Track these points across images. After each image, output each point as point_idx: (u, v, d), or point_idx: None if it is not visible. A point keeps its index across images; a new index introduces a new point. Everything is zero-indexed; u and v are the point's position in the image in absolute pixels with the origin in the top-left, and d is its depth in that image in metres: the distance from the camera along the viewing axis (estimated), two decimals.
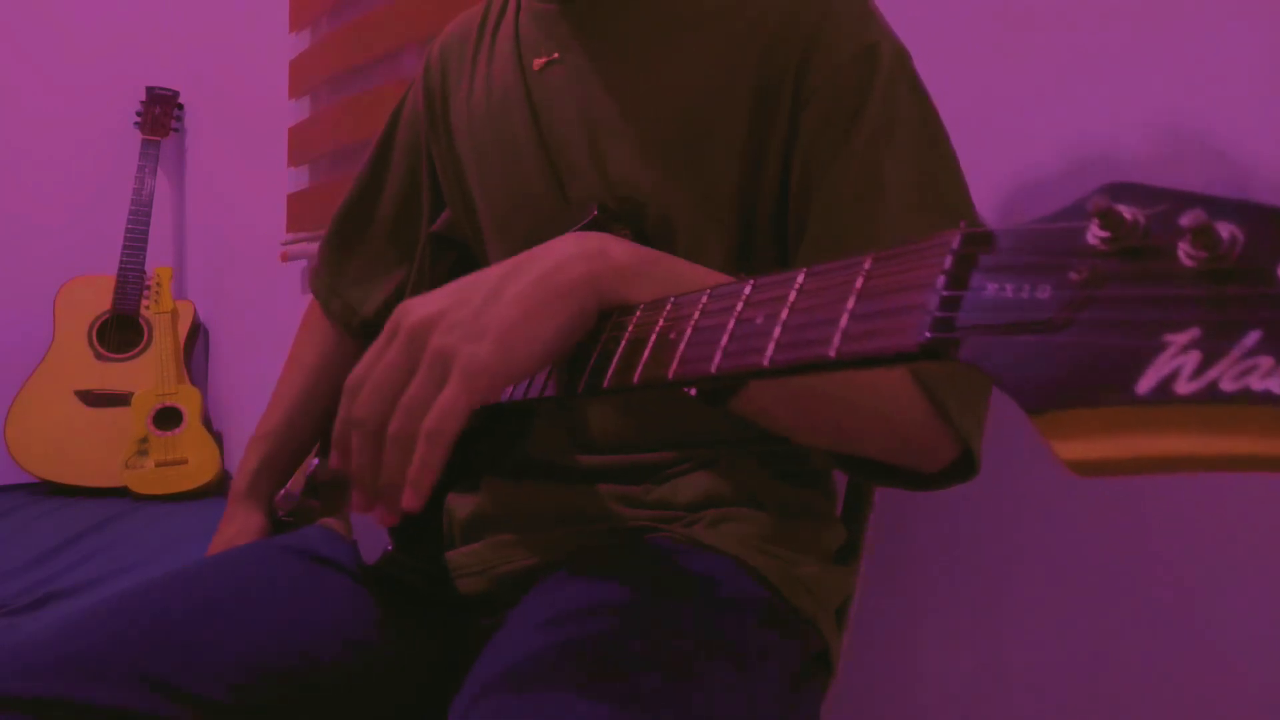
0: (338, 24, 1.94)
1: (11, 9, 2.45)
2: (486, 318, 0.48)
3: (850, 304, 0.35)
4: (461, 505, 0.78)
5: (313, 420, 0.99)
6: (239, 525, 0.95)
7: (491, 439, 0.79)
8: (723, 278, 0.55)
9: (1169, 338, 0.25)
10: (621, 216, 0.72)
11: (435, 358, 0.47)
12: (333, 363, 0.99)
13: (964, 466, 0.62)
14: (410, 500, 0.47)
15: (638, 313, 0.47)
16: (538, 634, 0.60)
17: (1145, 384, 0.24)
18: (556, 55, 0.77)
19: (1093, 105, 0.84)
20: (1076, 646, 0.85)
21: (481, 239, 0.86)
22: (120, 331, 2.34)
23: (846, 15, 0.69)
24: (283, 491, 0.93)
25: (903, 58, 0.70)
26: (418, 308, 0.50)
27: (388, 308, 0.97)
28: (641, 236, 0.71)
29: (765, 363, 0.37)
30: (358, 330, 0.99)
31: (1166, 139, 0.79)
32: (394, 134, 0.97)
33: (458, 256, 0.93)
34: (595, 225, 0.70)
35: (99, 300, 2.32)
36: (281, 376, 1.01)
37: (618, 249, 0.52)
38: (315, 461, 0.86)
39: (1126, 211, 0.27)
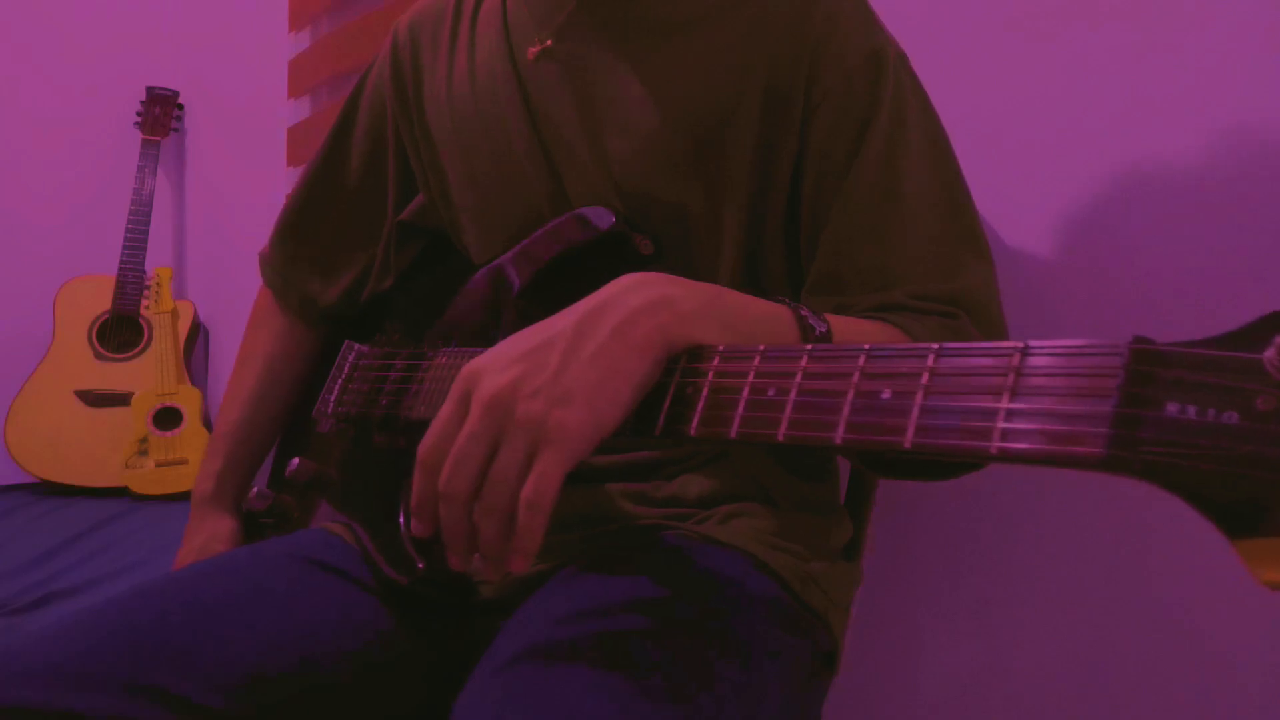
0: (337, 24, 1.94)
1: (11, 9, 2.45)
2: (568, 380, 0.48)
3: (1006, 400, 0.35)
4: None
5: (272, 414, 0.96)
6: (209, 532, 0.91)
7: None
8: (774, 308, 0.57)
9: None
10: (639, 223, 0.71)
11: (523, 428, 0.47)
12: (289, 354, 0.97)
13: None
14: (520, 566, 0.49)
15: (715, 360, 0.47)
16: (544, 632, 0.59)
17: None
18: (550, 44, 0.76)
19: (1099, 108, 0.84)
20: (1076, 645, 0.85)
21: (458, 226, 0.85)
22: (120, 331, 2.33)
23: (852, 18, 0.70)
24: (255, 489, 0.90)
25: (904, 60, 0.72)
26: (489, 375, 0.49)
27: (348, 296, 0.95)
28: (656, 238, 0.71)
29: (906, 444, 0.37)
30: (316, 320, 0.97)
31: (1177, 140, 0.79)
32: (354, 116, 0.94)
33: (424, 245, 0.91)
34: (615, 235, 0.70)
35: (99, 300, 2.32)
36: (235, 372, 0.98)
37: (682, 293, 0.51)
38: (296, 461, 0.85)
39: None
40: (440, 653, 0.75)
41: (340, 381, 0.86)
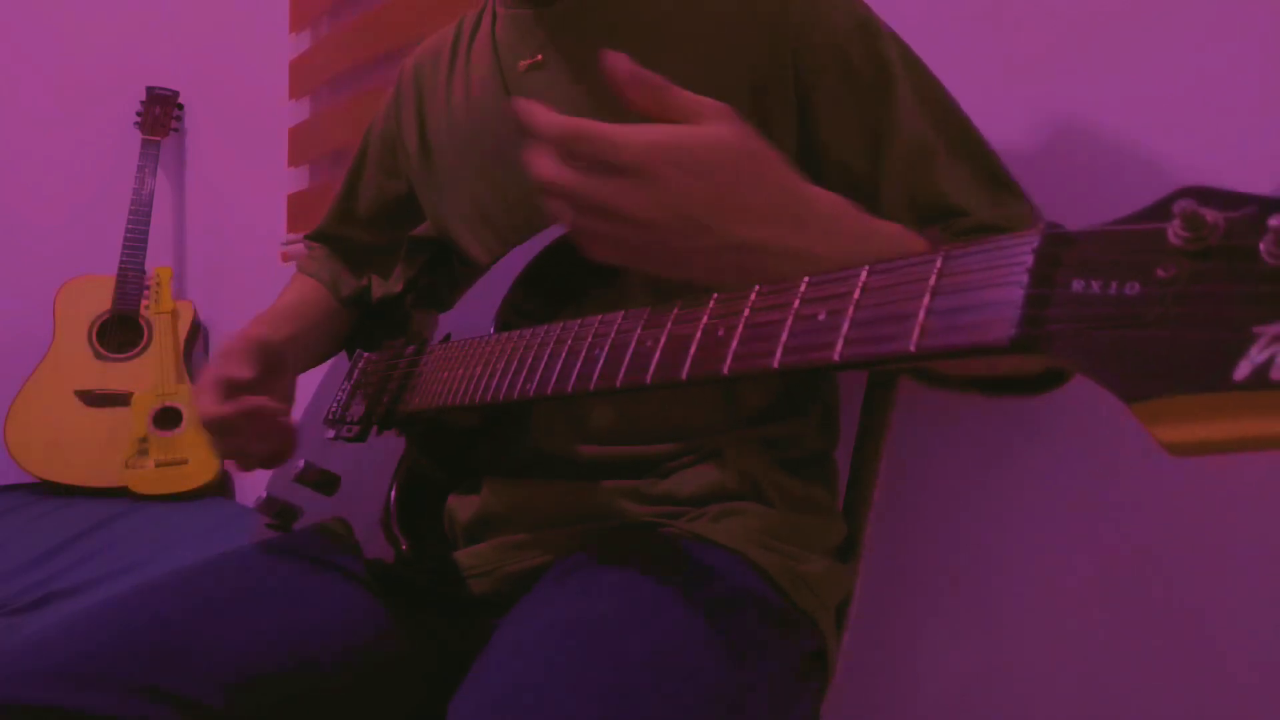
0: (338, 25, 1.94)
1: (12, 9, 2.45)
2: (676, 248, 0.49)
3: (926, 300, 0.36)
4: (463, 507, 0.78)
5: (313, 322, 0.97)
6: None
7: (491, 439, 0.79)
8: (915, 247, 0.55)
9: (1259, 329, 0.27)
10: None
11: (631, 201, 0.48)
12: (321, 299, 1.00)
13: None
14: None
15: (675, 309, 0.48)
16: (535, 633, 0.60)
17: (1241, 371, 0.27)
18: (540, 58, 0.78)
19: (1076, 103, 0.84)
20: (1076, 646, 0.85)
21: (462, 239, 0.87)
22: (120, 331, 2.34)
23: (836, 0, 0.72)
24: (265, 495, 0.91)
25: (890, 29, 0.73)
26: (687, 192, 0.48)
27: (366, 293, 1.02)
28: None
29: (836, 357, 0.39)
30: (344, 301, 1.02)
31: (1152, 135, 0.79)
32: (366, 152, 1.01)
33: (431, 255, 0.97)
34: None
35: (99, 300, 2.32)
36: (286, 300, 0.99)
37: (809, 264, 0.49)
38: (302, 463, 0.86)
39: (1208, 214, 0.29)
40: (439, 652, 0.75)
41: (349, 387, 0.88)
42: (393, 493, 0.75)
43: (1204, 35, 0.77)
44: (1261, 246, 0.28)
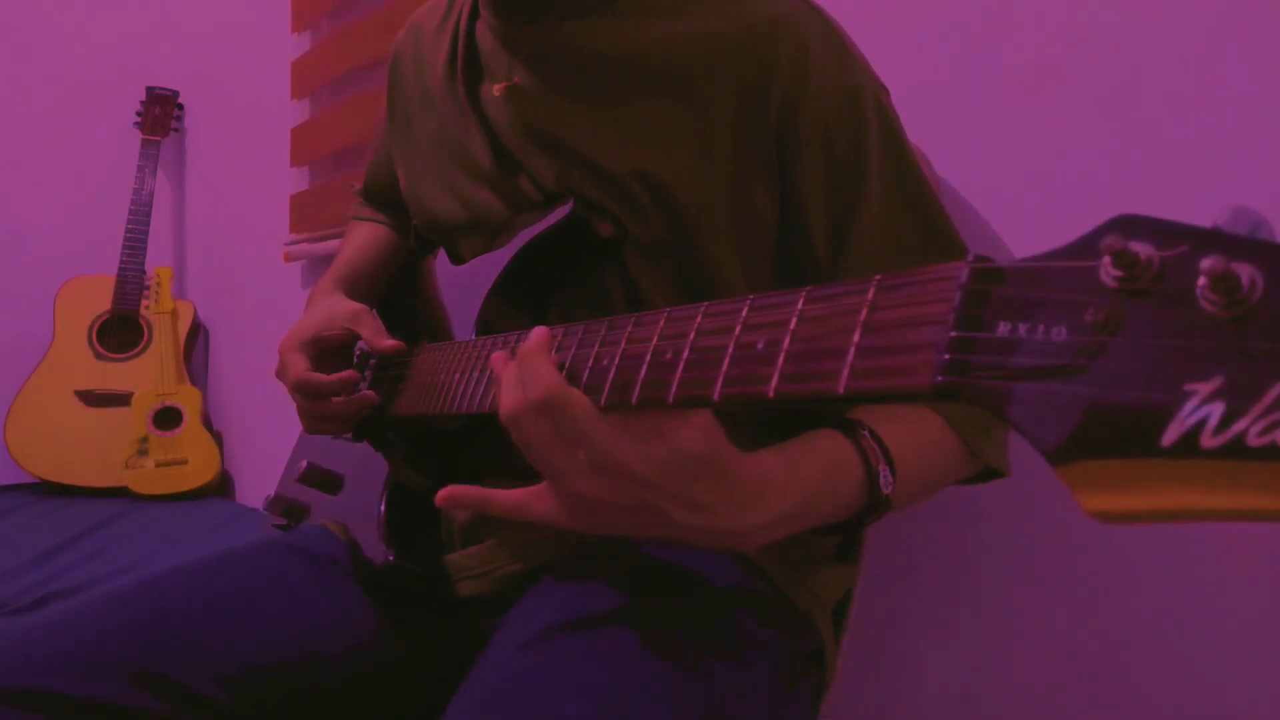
0: (339, 25, 1.94)
1: (12, 8, 2.45)
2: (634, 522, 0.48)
3: (856, 337, 0.34)
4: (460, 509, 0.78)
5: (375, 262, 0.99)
6: (329, 303, 0.87)
7: (488, 441, 0.79)
8: (846, 485, 0.56)
9: (1191, 387, 0.24)
10: (597, 206, 0.72)
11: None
12: (391, 245, 1.00)
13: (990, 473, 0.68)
14: None
15: (629, 327, 0.47)
16: (533, 633, 0.60)
17: (1170, 436, 0.24)
18: (516, 80, 0.76)
19: (1075, 119, 0.84)
20: (1076, 646, 0.85)
21: (450, 243, 0.86)
22: (120, 331, 2.34)
23: (827, 60, 0.69)
24: (272, 494, 0.93)
25: (881, 98, 0.71)
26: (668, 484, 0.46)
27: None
28: (617, 220, 0.71)
29: (770, 394, 0.37)
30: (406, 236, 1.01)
31: (1153, 150, 0.79)
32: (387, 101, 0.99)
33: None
34: (573, 218, 0.71)
35: (99, 300, 2.32)
36: (346, 254, 1.00)
37: (772, 529, 0.50)
38: (305, 463, 0.86)
39: (1141, 250, 0.26)
40: (439, 653, 0.76)
41: None
42: (383, 504, 0.76)
43: (1199, 41, 0.77)
44: (1198, 290, 0.25)
